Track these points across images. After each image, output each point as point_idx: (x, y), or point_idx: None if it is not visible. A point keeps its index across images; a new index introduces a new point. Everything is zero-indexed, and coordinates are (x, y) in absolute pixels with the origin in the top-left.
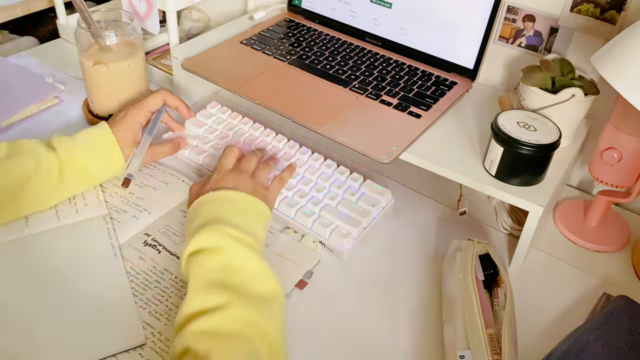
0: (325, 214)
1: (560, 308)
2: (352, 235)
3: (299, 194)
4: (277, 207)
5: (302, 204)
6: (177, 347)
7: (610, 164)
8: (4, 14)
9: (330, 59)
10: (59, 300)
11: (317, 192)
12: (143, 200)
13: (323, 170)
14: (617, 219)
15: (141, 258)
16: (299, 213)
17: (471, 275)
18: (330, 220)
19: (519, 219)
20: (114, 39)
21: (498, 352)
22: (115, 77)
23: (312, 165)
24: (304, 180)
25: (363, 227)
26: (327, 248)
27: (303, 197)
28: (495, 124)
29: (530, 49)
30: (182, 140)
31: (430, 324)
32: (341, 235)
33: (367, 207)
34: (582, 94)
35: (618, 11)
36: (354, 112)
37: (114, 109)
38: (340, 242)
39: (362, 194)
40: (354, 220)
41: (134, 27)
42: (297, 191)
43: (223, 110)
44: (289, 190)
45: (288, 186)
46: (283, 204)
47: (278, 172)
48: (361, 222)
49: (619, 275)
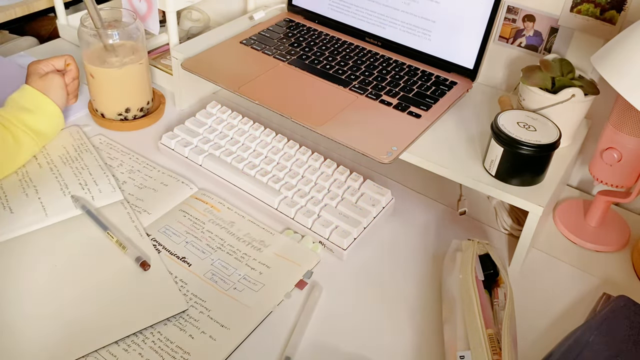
0: (325, 214)
1: (560, 308)
2: (352, 235)
3: (298, 194)
4: (277, 207)
5: (302, 204)
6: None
7: (610, 164)
8: (4, 14)
9: (330, 59)
10: (97, 280)
11: (317, 192)
12: (142, 202)
13: (323, 170)
14: (617, 219)
15: None
16: (299, 213)
17: (471, 275)
18: (330, 220)
19: (519, 219)
20: (117, 37)
21: (498, 352)
22: (118, 76)
23: (312, 165)
24: (303, 180)
25: (363, 227)
26: (327, 248)
27: (303, 197)
28: (495, 124)
29: (530, 49)
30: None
31: (430, 324)
32: (341, 235)
33: (367, 207)
34: (582, 94)
35: (618, 11)
36: (354, 112)
37: (118, 108)
38: (340, 242)
39: (362, 194)
40: (354, 220)
41: (137, 26)
42: (297, 191)
43: (223, 110)
44: (289, 190)
45: (288, 186)
46: (283, 204)
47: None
48: (361, 222)
49: (619, 275)
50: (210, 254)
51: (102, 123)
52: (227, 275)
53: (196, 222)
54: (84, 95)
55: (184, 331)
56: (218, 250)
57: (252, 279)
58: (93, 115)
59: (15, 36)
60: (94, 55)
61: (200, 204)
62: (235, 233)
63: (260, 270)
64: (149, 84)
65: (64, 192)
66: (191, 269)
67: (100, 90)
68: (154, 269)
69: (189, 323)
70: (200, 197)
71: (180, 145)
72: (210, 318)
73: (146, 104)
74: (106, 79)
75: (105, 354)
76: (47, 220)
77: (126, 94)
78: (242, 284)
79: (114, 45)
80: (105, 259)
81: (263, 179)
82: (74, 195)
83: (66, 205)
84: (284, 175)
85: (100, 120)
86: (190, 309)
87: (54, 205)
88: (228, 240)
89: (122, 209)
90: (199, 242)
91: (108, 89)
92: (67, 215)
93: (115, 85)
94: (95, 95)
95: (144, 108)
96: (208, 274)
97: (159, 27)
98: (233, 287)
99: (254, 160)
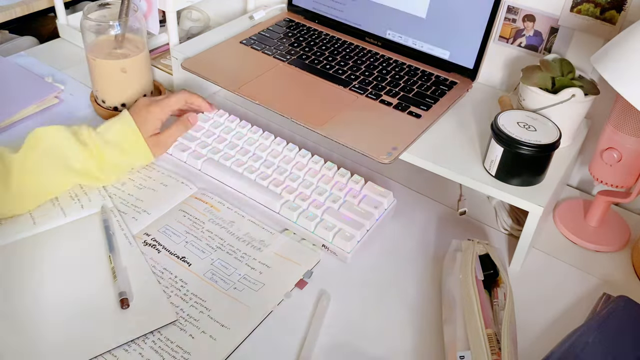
0: (328, 217)
1: (560, 308)
2: (356, 238)
3: (300, 197)
4: (279, 211)
5: (304, 207)
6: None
7: (610, 164)
8: (4, 14)
9: (330, 59)
10: (86, 292)
11: (318, 195)
12: (142, 202)
13: (324, 172)
14: (617, 219)
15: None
16: (301, 217)
17: (471, 275)
18: (333, 223)
19: (519, 219)
20: (125, 29)
21: (497, 352)
22: (121, 68)
23: (312, 167)
24: (304, 183)
25: (366, 230)
26: (330, 251)
27: (305, 201)
28: (495, 124)
29: (530, 49)
30: (191, 116)
31: (430, 324)
32: (345, 238)
33: (369, 209)
34: (582, 94)
35: (618, 11)
36: (354, 112)
37: (121, 100)
38: (344, 245)
39: (364, 196)
40: (357, 222)
41: (137, 17)
42: (299, 194)
43: (220, 113)
44: (290, 193)
45: (289, 189)
46: (285, 207)
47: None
48: (364, 224)
49: (619, 275)
50: (210, 253)
51: (103, 114)
52: (227, 275)
53: (196, 221)
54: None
55: (184, 331)
56: (218, 250)
57: (252, 278)
58: (95, 106)
59: (15, 36)
60: (96, 47)
61: (200, 204)
62: (235, 233)
63: (260, 269)
64: (150, 76)
65: (53, 203)
66: (191, 269)
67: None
68: (144, 279)
69: (189, 323)
70: (200, 197)
71: (178, 150)
72: (210, 318)
73: (149, 94)
74: (108, 71)
75: (106, 354)
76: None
77: (130, 85)
78: (242, 284)
79: (117, 37)
80: (95, 269)
81: (263, 182)
82: (104, 206)
83: (55, 213)
84: (284, 179)
85: (101, 110)
86: (190, 308)
87: (42, 214)
88: (228, 240)
89: (112, 217)
90: (199, 242)
91: (109, 80)
92: (56, 223)
93: (118, 77)
94: (100, 86)
95: (147, 95)
96: (208, 274)
97: (159, 27)
98: (233, 287)
99: (253, 164)
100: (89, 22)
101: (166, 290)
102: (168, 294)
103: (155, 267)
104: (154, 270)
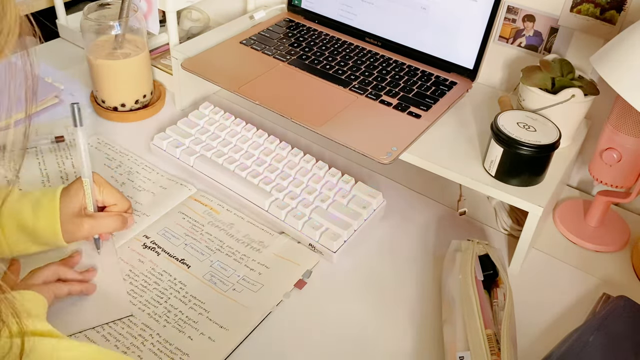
0: (316, 216)
1: (560, 308)
2: (342, 238)
3: (289, 196)
4: (267, 209)
5: (293, 205)
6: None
7: (610, 164)
8: None
9: (330, 59)
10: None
11: (307, 194)
12: (141, 205)
13: (314, 172)
14: (617, 219)
15: (140, 260)
16: (289, 215)
17: (471, 275)
18: (321, 222)
19: (519, 219)
20: (126, 29)
21: (497, 352)
22: (121, 68)
23: (303, 167)
24: (295, 182)
25: (353, 230)
26: (317, 250)
27: (294, 199)
28: (495, 124)
29: (530, 49)
30: (129, 215)
31: (430, 324)
32: (331, 238)
33: (357, 209)
34: (582, 94)
35: (618, 11)
36: (353, 112)
37: (121, 100)
38: (330, 244)
39: (353, 196)
40: (344, 222)
41: (137, 17)
42: (288, 193)
43: (215, 111)
44: (280, 192)
45: (279, 188)
46: (274, 205)
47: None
48: (351, 224)
49: (619, 275)
50: (209, 255)
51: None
52: (226, 276)
53: (195, 224)
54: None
55: (183, 333)
56: (217, 251)
57: (251, 279)
58: (95, 106)
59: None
60: (97, 47)
61: (199, 206)
62: (234, 234)
63: (259, 270)
64: (150, 75)
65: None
66: (190, 271)
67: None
68: (108, 270)
69: (188, 325)
70: (199, 199)
71: (172, 146)
72: (209, 319)
73: (149, 94)
74: (108, 70)
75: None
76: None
77: (130, 85)
78: (241, 285)
79: (122, 37)
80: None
81: (254, 180)
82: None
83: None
84: (275, 177)
85: (100, 110)
86: (190, 310)
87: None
88: (227, 242)
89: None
90: (198, 244)
91: (113, 80)
92: None
93: (119, 76)
94: (100, 86)
95: (146, 96)
96: (207, 276)
97: (159, 27)
98: (232, 288)
99: (245, 162)
100: (89, 22)
101: (165, 292)
102: (167, 296)
103: (154, 269)
104: (152, 272)
